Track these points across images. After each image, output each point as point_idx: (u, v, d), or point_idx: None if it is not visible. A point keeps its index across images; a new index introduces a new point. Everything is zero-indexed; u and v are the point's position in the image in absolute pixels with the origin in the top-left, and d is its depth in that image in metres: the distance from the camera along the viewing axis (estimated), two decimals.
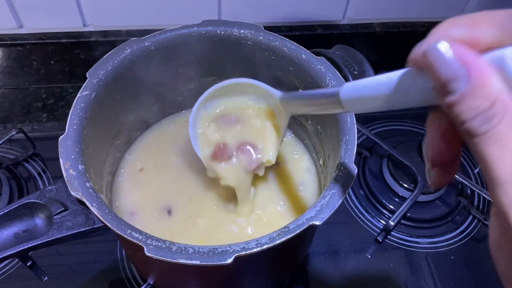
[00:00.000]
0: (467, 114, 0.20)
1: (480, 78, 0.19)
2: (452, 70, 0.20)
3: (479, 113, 0.19)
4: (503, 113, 0.19)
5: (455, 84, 0.20)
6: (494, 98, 0.19)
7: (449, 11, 0.73)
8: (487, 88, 0.19)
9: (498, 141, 0.19)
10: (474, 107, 0.19)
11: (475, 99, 0.19)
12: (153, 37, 0.48)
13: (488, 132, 0.19)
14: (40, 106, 0.71)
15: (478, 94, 0.19)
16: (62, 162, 0.39)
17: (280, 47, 0.49)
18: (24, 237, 0.39)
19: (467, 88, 0.19)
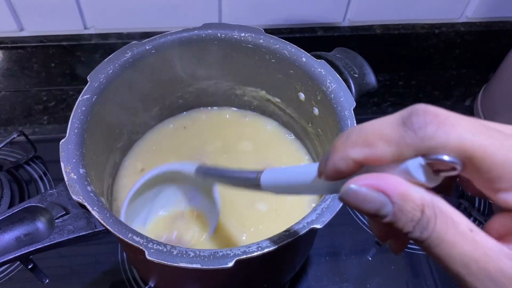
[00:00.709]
0: (406, 228, 0.21)
1: (400, 195, 0.20)
2: (373, 202, 0.21)
3: (415, 224, 0.20)
4: (434, 215, 0.20)
5: (383, 210, 0.21)
6: (421, 206, 0.20)
7: (449, 13, 0.74)
8: (411, 200, 0.20)
9: (441, 241, 0.20)
10: (409, 220, 0.20)
11: (406, 214, 0.20)
12: (154, 41, 0.49)
13: (430, 237, 0.20)
14: (41, 109, 0.72)
15: (406, 209, 0.20)
16: (63, 166, 0.39)
17: (281, 50, 0.49)
18: (25, 241, 0.39)
19: (394, 209, 0.20)
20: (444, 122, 0.20)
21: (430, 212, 0.20)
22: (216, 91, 0.57)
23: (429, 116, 0.20)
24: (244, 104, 0.59)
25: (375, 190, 0.21)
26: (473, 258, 0.20)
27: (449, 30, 0.74)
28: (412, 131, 0.20)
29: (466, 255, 0.20)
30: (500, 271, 0.19)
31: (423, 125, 0.20)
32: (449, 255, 0.20)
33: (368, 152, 0.21)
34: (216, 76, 0.55)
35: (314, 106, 0.50)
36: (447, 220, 0.20)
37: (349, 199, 0.22)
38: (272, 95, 0.55)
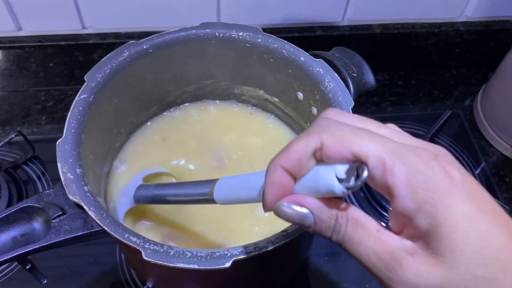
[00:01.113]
0: (326, 234, 0.26)
1: (317, 208, 0.26)
2: (299, 215, 0.26)
3: (332, 230, 0.26)
4: (346, 221, 0.25)
5: (306, 221, 0.26)
6: (335, 215, 0.26)
7: (448, 13, 0.73)
8: (326, 211, 0.26)
9: (351, 241, 0.25)
10: (327, 227, 0.26)
11: (324, 222, 0.26)
12: (151, 40, 0.48)
13: (343, 239, 0.25)
14: (39, 109, 0.71)
15: (323, 218, 0.26)
16: (60, 166, 0.39)
17: (279, 49, 0.49)
18: (22, 241, 0.39)
19: (315, 218, 0.26)
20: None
21: (343, 219, 0.25)
22: (214, 91, 0.57)
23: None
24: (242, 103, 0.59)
25: (299, 206, 0.26)
26: (375, 252, 0.24)
27: (448, 30, 0.74)
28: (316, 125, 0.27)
29: (370, 250, 0.25)
30: (393, 259, 0.24)
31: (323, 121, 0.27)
32: (358, 252, 0.25)
33: (287, 155, 0.26)
34: (214, 75, 0.55)
35: (312, 106, 0.49)
36: (357, 224, 0.25)
37: (280, 212, 0.27)
38: (271, 94, 0.55)
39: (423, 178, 0.23)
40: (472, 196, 0.24)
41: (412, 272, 0.24)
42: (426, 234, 0.23)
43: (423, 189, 0.23)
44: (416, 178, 0.23)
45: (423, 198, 0.23)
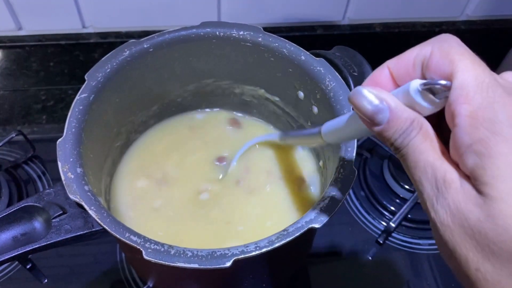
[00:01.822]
0: (393, 136, 0.26)
1: (397, 107, 0.25)
2: (374, 106, 0.26)
3: (402, 132, 0.25)
4: (419, 127, 0.25)
5: (379, 115, 0.26)
6: (412, 119, 0.25)
7: (449, 11, 0.73)
8: (406, 112, 0.25)
9: (415, 148, 0.25)
10: (398, 130, 0.25)
11: (399, 122, 0.25)
12: (152, 39, 0.48)
13: (409, 144, 0.25)
14: (39, 108, 0.71)
15: (400, 117, 0.25)
16: (60, 165, 0.39)
17: (280, 48, 0.49)
18: (22, 241, 0.39)
19: (390, 116, 0.25)
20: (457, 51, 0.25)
21: (417, 124, 0.25)
22: (214, 90, 0.57)
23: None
24: (243, 102, 0.59)
25: (379, 98, 0.26)
26: (433, 166, 0.24)
27: (449, 29, 0.74)
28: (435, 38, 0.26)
29: (429, 163, 0.24)
30: (443, 179, 0.24)
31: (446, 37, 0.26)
32: (417, 160, 0.25)
33: (398, 59, 0.27)
34: (214, 75, 0.55)
35: (313, 105, 0.49)
36: (427, 136, 0.25)
37: (356, 98, 0.26)
38: (271, 93, 0.55)
39: (491, 117, 0.22)
40: None
41: (455, 199, 0.23)
42: (472, 175, 0.23)
43: (485, 127, 0.22)
44: (485, 114, 0.23)
45: (481, 136, 0.22)
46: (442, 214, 0.24)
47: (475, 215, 0.23)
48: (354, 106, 0.27)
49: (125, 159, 0.55)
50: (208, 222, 0.50)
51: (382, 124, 0.26)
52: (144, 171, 0.54)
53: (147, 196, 0.52)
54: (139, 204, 0.51)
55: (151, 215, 0.50)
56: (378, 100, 0.26)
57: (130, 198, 0.52)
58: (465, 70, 0.24)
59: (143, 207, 0.51)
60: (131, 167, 0.54)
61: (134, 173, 0.54)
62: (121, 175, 0.53)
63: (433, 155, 0.24)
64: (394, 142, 0.26)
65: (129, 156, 0.55)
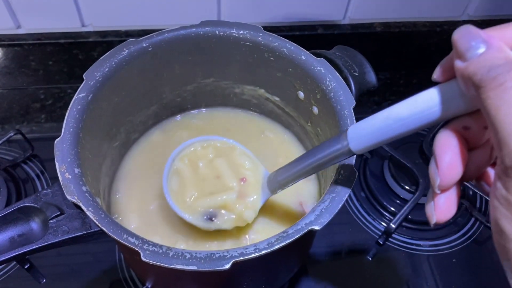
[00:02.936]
0: (481, 70, 0.22)
1: (498, 44, 0.23)
2: (476, 41, 0.23)
3: (493, 67, 0.22)
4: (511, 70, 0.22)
5: (474, 47, 0.23)
6: (509, 58, 0.22)
7: (450, 11, 0.73)
8: (504, 51, 0.23)
9: (505, 89, 0.21)
10: (488, 65, 0.22)
11: (493, 58, 0.22)
12: (151, 38, 0.48)
13: (495, 79, 0.22)
14: (38, 107, 0.71)
15: (495, 54, 0.23)
16: (58, 165, 0.39)
17: (280, 48, 0.48)
18: (19, 242, 0.39)
19: (485, 49, 0.23)
20: None
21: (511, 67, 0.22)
22: (214, 90, 0.57)
23: None
24: (243, 102, 0.58)
25: (483, 36, 0.24)
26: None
27: (450, 28, 0.73)
28: None
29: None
30: None
31: None
32: (499, 107, 0.21)
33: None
34: (214, 74, 0.54)
35: (313, 105, 0.49)
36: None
37: (461, 31, 0.24)
38: (271, 93, 0.55)
39: None
40: None
41: None
42: None
43: None
44: None
45: None
46: None
47: None
48: (454, 37, 0.25)
49: (124, 159, 0.55)
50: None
51: (474, 57, 0.23)
52: (143, 171, 0.54)
53: (147, 197, 0.51)
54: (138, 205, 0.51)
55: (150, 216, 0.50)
56: (483, 37, 0.24)
57: (129, 199, 0.51)
58: None
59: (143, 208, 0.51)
60: (130, 168, 0.54)
61: (133, 174, 0.54)
62: (120, 175, 0.53)
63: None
64: (477, 78, 0.23)
65: (128, 156, 0.55)
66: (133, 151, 0.56)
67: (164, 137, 0.57)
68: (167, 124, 0.58)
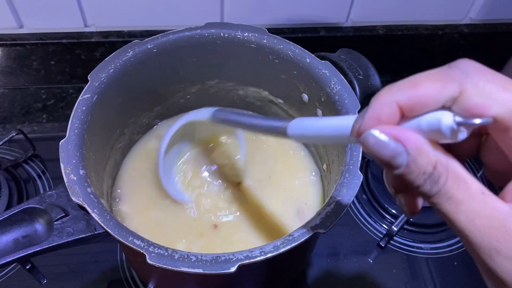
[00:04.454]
0: (417, 181, 0.22)
1: (416, 147, 0.22)
2: (391, 149, 0.22)
3: (427, 177, 0.22)
4: (446, 171, 0.22)
5: (398, 159, 0.22)
6: (434, 161, 0.22)
7: (452, 15, 0.73)
8: (426, 154, 0.22)
9: (450, 197, 0.21)
10: (421, 173, 0.22)
11: (419, 166, 0.22)
12: (156, 40, 0.48)
13: (439, 192, 0.22)
14: (40, 107, 0.71)
15: (420, 162, 0.22)
16: (63, 167, 0.39)
17: (284, 50, 0.48)
18: (24, 243, 0.39)
19: (409, 159, 0.22)
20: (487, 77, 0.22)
21: (442, 169, 0.22)
22: (218, 91, 0.57)
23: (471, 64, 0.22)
24: (247, 104, 0.58)
25: (393, 140, 0.22)
26: (479, 215, 0.21)
27: (452, 32, 0.74)
28: (458, 69, 0.22)
29: (473, 212, 0.21)
30: (504, 228, 0.20)
31: (468, 66, 0.22)
32: (456, 211, 0.21)
33: (412, 94, 0.22)
34: (218, 76, 0.54)
35: (317, 108, 0.49)
36: (459, 180, 0.21)
37: (369, 143, 0.23)
38: (275, 96, 0.55)
39: None
40: None
41: None
42: None
43: None
44: None
45: None
46: (506, 265, 0.21)
47: None
48: (367, 151, 0.23)
49: (127, 160, 0.55)
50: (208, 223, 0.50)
51: (401, 168, 0.22)
52: (145, 172, 0.54)
53: (149, 198, 0.51)
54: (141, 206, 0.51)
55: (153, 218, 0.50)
56: (394, 141, 0.22)
57: (132, 200, 0.51)
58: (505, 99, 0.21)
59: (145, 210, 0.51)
60: (133, 169, 0.54)
61: (136, 175, 0.53)
62: (123, 176, 0.53)
63: (475, 204, 0.21)
64: (420, 188, 0.22)
65: (130, 158, 0.55)
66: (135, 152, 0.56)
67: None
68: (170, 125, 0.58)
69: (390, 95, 0.23)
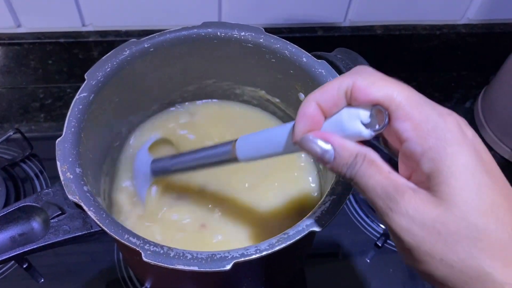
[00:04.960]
0: (342, 170, 0.29)
1: (340, 145, 0.29)
2: (321, 148, 0.30)
3: (348, 167, 0.29)
4: (362, 159, 0.28)
5: (326, 155, 0.29)
6: (355, 153, 0.29)
7: (450, 15, 0.73)
8: (347, 149, 0.29)
9: (363, 175, 0.28)
10: (344, 164, 0.29)
11: (342, 159, 0.29)
12: (153, 39, 0.48)
13: (356, 174, 0.28)
14: (37, 106, 0.71)
15: (343, 155, 0.29)
16: (59, 165, 0.39)
17: (281, 50, 0.48)
18: (20, 241, 0.39)
19: (335, 154, 0.29)
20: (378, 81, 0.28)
21: (360, 157, 0.28)
22: (215, 90, 0.57)
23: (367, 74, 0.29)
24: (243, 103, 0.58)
25: (324, 142, 0.29)
26: (382, 185, 0.27)
27: (450, 32, 0.74)
28: (353, 70, 0.30)
29: (378, 183, 0.27)
30: (395, 190, 0.27)
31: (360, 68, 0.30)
32: (366, 184, 0.28)
33: (322, 91, 0.30)
34: (215, 75, 0.54)
35: None
36: (372, 163, 0.28)
37: (305, 143, 0.30)
38: (272, 95, 0.55)
39: (434, 126, 0.26)
40: (478, 154, 0.26)
41: (411, 204, 0.26)
42: (428, 178, 0.26)
43: (431, 136, 0.26)
44: (428, 125, 0.26)
45: (430, 144, 0.26)
46: (398, 220, 0.26)
47: (434, 212, 0.25)
48: (305, 150, 0.30)
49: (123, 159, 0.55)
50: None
51: (330, 162, 0.29)
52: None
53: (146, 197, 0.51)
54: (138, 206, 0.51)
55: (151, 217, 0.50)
56: (324, 143, 0.29)
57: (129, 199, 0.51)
58: (394, 93, 0.27)
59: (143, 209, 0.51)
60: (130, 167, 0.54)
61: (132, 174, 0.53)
62: (120, 175, 0.53)
63: (379, 176, 0.27)
64: (344, 175, 0.29)
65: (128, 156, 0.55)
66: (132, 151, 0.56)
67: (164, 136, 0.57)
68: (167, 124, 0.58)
69: (310, 96, 0.30)
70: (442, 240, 0.25)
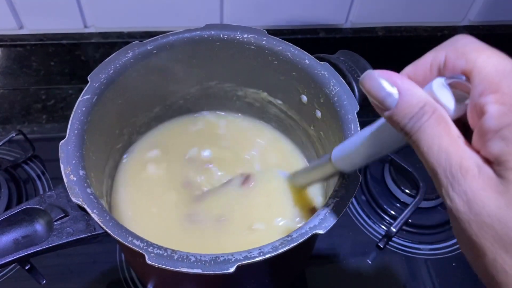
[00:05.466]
0: (402, 120, 0.25)
1: (408, 89, 0.25)
2: (383, 90, 0.25)
3: (412, 117, 0.24)
4: (432, 111, 0.24)
5: (388, 100, 0.25)
6: (423, 102, 0.24)
7: (451, 16, 0.73)
8: (416, 96, 0.25)
9: (428, 133, 0.24)
10: (407, 113, 0.25)
11: (408, 106, 0.25)
12: (155, 41, 0.48)
13: (420, 128, 0.24)
14: (39, 108, 0.71)
15: (410, 102, 0.25)
16: (62, 167, 0.39)
17: (284, 52, 0.48)
18: (23, 243, 0.39)
19: (399, 100, 0.25)
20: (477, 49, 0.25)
21: (429, 108, 0.24)
22: (217, 92, 0.57)
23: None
24: (245, 105, 0.58)
25: (390, 81, 0.25)
26: (447, 152, 0.23)
27: (451, 33, 0.74)
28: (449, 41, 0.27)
29: (442, 148, 0.23)
30: (459, 166, 0.23)
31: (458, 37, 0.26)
32: (429, 145, 0.24)
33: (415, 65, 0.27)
34: (217, 77, 0.54)
35: (316, 109, 0.49)
36: (441, 119, 0.24)
37: (367, 81, 0.26)
38: (274, 97, 0.55)
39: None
40: None
41: (473, 186, 0.23)
42: (497, 160, 0.22)
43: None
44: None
45: (509, 121, 0.22)
46: (458, 201, 0.23)
47: (494, 203, 0.22)
48: (364, 89, 0.26)
49: (125, 161, 0.55)
50: (208, 223, 0.50)
51: (392, 108, 0.25)
52: (143, 173, 0.54)
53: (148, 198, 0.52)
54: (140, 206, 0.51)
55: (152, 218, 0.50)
56: (389, 83, 0.25)
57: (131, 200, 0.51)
58: (483, 63, 0.24)
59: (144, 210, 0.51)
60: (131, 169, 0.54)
61: (134, 175, 0.54)
62: (122, 177, 0.53)
63: (447, 140, 0.24)
64: (404, 127, 0.25)
65: (129, 158, 0.55)
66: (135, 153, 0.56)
67: (166, 138, 0.57)
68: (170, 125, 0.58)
69: (402, 72, 0.27)
70: (497, 238, 0.22)
